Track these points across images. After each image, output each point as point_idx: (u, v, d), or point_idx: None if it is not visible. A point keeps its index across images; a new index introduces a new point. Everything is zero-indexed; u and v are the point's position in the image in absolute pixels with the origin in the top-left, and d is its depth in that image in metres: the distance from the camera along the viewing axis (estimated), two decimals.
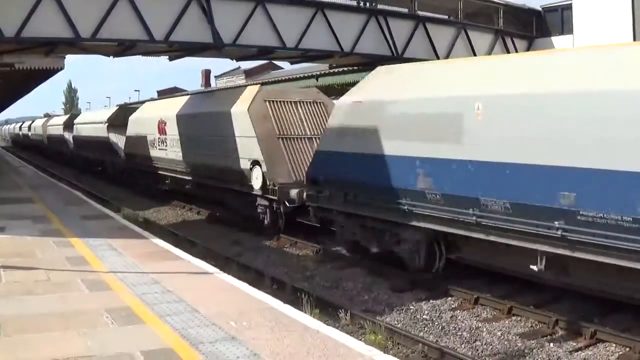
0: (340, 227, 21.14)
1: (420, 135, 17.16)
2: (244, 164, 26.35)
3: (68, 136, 62.74)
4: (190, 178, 33.38)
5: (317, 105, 27.44)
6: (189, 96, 39.13)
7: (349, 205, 20.09)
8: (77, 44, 26.92)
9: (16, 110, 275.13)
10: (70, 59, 49.31)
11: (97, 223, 21.23)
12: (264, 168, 25.05)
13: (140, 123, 40.59)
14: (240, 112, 26.66)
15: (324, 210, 21.63)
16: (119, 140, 45.75)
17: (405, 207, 17.67)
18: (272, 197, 24.81)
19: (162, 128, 36.35)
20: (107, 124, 47.81)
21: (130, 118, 42.89)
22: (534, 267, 14.45)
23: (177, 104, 36.43)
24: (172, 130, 34.76)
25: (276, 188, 24.38)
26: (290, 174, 24.74)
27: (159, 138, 36.76)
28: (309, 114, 26.95)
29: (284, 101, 26.76)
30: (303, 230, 25.24)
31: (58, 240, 17.72)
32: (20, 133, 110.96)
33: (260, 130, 25.57)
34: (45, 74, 33.51)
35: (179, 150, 33.78)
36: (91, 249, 16.44)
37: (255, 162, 25.59)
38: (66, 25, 24.99)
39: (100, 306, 11.25)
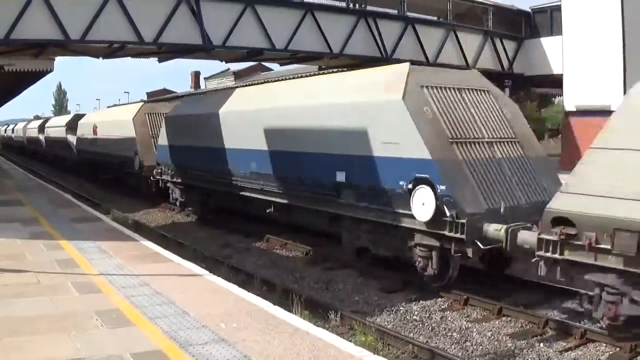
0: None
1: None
2: None
3: (42, 137, 73.70)
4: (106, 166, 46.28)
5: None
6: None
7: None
8: (67, 46, 26.93)
9: (6, 112, 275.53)
10: (60, 61, 49.63)
11: (87, 225, 21.18)
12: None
13: (84, 127, 51.99)
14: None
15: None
16: (73, 140, 56.39)
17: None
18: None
19: (95, 130, 47.90)
20: (65, 127, 59.74)
21: (79, 122, 54.28)
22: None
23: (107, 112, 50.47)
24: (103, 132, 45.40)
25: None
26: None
27: (92, 138, 48.71)
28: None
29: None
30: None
31: (48, 243, 17.67)
32: (6, 135, 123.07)
33: None
34: (34, 76, 33.45)
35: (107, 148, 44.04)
36: (81, 252, 16.40)
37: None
38: (55, 27, 25.01)
39: (90, 308, 11.24)
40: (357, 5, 34.38)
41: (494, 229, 15.31)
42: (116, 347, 9.35)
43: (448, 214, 15.74)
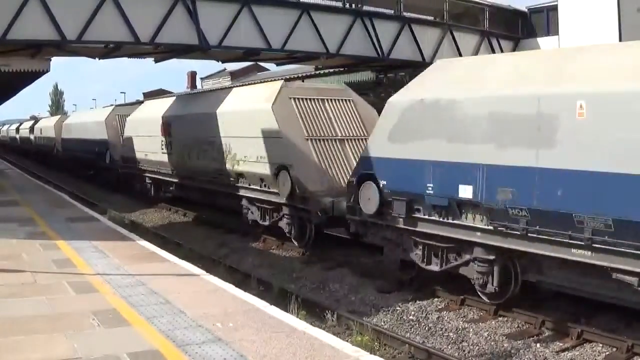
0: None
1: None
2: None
3: (32, 137, 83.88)
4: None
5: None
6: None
7: None
8: (63, 46, 26.88)
9: (3, 112, 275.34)
10: (57, 61, 49.97)
11: (83, 225, 21.18)
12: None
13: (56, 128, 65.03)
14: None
15: None
16: (33, 137, 79.11)
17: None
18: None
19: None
20: (28, 129, 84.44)
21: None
22: None
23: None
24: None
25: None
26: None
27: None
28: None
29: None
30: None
31: (44, 243, 17.67)
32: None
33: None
34: (31, 77, 33.36)
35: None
36: (77, 252, 16.40)
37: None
38: (52, 27, 24.96)
39: (86, 308, 11.24)
40: (353, 5, 34.35)
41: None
42: (113, 346, 9.34)
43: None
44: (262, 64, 60.01)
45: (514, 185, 13.93)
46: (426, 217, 16.32)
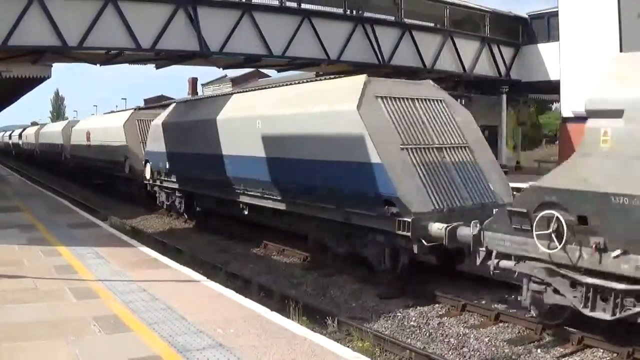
0: None
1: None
2: None
3: (21, 142, 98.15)
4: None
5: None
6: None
7: None
8: (64, 52, 26.95)
9: (4, 119, 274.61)
10: (58, 67, 50.17)
11: (85, 231, 21.18)
12: None
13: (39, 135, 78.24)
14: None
15: None
16: (19, 142, 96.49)
17: None
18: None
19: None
20: (18, 135, 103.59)
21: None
22: None
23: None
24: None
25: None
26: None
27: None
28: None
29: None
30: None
31: (45, 249, 17.67)
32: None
33: None
34: (32, 83, 33.48)
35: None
36: (78, 258, 16.40)
37: None
38: (53, 33, 25.07)
39: (88, 314, 11.24)
40: (354, 12, 34.45)
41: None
42: (114, 352, 9.36)
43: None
44: (263, 70, 60.15)
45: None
46: None
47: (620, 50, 33.31)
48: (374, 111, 18.54)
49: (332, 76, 27.01)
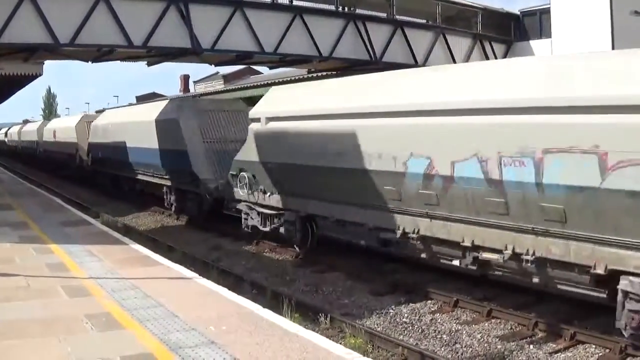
0: None
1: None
2: None
3: (7, 139, 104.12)
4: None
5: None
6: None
7: None
8: (56, 50, 26.88)
9: None
10: (50, 65, 50.34)
11: (77, 229, 21.18)
12: None
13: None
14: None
15: None
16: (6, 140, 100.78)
17: None
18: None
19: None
20: (4, 134, 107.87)
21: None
22: None
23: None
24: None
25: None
26: None
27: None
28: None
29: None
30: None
31: (38, 247, 17.68)
32: None
33: None
34: (24, 80, 33.40)
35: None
36: (70, 255, 16.41)
37: None
38: (45, 30, 24.99)
39: (80, 312, 11.25)
40: (346, 9, 34.42)
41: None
42: (106, 350, 9.36)
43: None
44: (255, 67, 60.09)
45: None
46: None
47: (613, 47, 33.39)
48: (189, 120, 29.24)
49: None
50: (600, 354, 13.07)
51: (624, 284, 11.83)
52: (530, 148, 12.77)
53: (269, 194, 22.36)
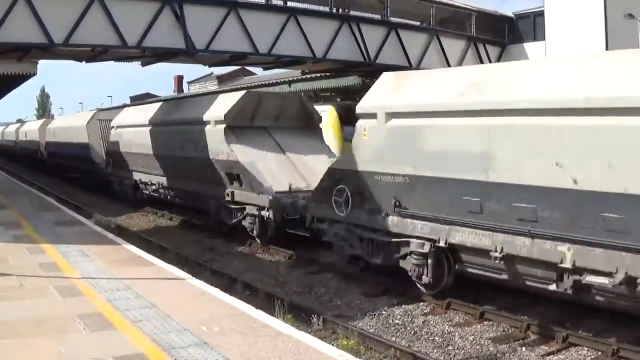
0: None
1: None
2: None
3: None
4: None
5: None
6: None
7: None
8: (51, 49, 26.84)
9: None
10: (44, 64, 50.27)
11: (70, 229, 21.16)
12: None
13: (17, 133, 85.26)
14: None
15: None
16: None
17: None
18: None
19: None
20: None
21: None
22: None
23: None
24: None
25: None
26: None
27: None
28: None
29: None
30: None
31: (30, 247, 17.67)
32: None
33: None
34: (17, 80, 33.33)
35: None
36: (63, 255, 16.40)
37: None
38: (39, 30, 24.96)
39: (72, 312, 11.25)
40: (340, 10, 34.43)
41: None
42: (99, 350, 9.37)
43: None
44: (249, 68, 60.09)
45: None
46: None
47: (606, 49, 33.46)
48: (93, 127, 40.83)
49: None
50: (592, 357, 13.09)
51: None
52: None
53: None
